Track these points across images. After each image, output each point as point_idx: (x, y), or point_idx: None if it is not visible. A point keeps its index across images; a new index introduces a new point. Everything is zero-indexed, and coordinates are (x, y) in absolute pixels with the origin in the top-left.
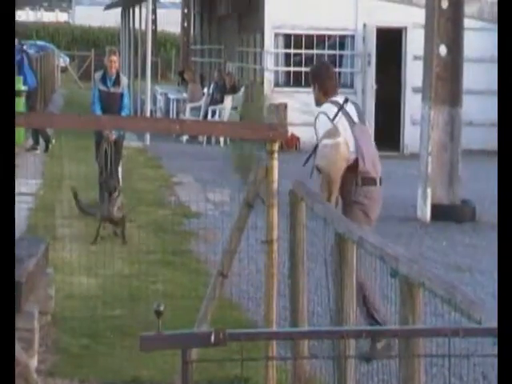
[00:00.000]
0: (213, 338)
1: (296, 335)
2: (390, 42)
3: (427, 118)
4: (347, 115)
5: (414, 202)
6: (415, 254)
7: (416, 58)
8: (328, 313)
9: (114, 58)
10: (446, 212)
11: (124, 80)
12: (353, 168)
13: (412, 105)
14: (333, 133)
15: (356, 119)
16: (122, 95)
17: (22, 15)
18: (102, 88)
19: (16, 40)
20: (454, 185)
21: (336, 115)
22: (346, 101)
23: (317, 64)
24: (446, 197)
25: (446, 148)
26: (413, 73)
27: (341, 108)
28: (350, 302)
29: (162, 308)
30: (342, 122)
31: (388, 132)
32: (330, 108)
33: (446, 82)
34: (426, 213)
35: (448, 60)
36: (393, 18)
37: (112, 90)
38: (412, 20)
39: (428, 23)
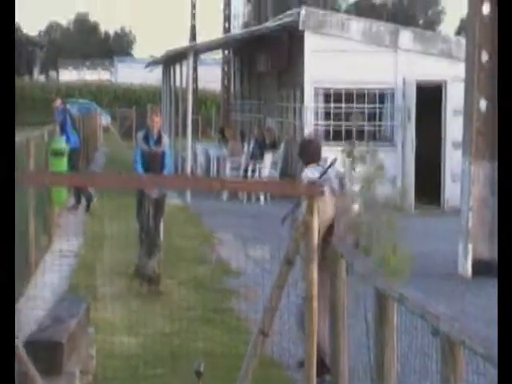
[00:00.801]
0: None
1: None
2: (429, 96)
3: (468, 173)
4: (329, 179)
5: (455, 258)
6: (456, 311)
7: (456, 112)
8: (369, 371)
9: (157, 118)
10: (487, 267)
11: (166, 139)
12: (330, 230)
13: (452, 160)
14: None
15: (336, 185)
16: (163, 154)
17: (66, 74)
18: (145, 147)
19: (59, 100)
20: (495, 240)
21: (323, 174)
22: (332, 164)
23: (302, 142)
24: (487, 252)
25: (486, 203)
26: (453, 127)
27: (325, 169)
28: (391, 360)
29: (201, 368)
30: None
31: (428, 187)
32: (314, 167)
33: (487, 137)
34: (467, 269)
35: (488, 114)
36: (432, 71)
37: (154, 148)
38: (452, 73)
39: (468, 77)
